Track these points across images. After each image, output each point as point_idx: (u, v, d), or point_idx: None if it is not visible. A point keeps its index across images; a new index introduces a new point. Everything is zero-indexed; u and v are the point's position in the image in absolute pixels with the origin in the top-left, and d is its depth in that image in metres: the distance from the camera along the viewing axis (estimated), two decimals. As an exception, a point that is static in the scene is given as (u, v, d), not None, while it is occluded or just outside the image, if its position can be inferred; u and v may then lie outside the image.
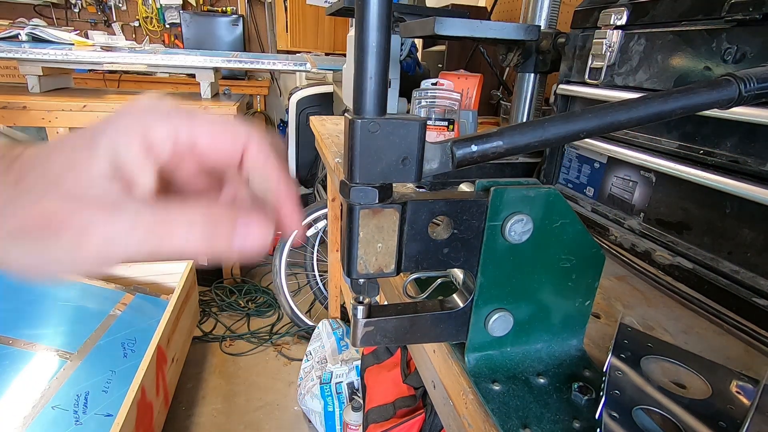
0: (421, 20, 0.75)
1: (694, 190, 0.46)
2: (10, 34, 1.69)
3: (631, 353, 0.33)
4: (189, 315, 1.82)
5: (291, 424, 1.62)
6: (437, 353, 0.38)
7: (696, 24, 0.44)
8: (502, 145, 0.27)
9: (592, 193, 0.61)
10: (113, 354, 1.44)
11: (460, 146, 0.27)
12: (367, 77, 0.23)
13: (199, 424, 1.60)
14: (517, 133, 0.28)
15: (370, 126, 0.24)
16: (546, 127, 0.28)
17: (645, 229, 0.52)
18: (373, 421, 1.05)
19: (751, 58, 0.39)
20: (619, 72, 0.54)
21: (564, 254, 0.32)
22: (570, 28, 0.63)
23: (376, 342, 0.32)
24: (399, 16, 0.94)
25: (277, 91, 3.80)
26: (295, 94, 3.00)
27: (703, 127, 0.45)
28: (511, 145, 0.27)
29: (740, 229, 0.42)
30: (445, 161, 0.27)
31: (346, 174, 0.26)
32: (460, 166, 0.27)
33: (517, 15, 1.40)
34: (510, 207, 0.29)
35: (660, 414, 0.28)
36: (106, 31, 3.36)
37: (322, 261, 2.05)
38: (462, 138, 0.28)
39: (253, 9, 3.65)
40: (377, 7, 0.22)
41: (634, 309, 0.44)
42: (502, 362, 0.34)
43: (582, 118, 0.28)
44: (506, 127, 0.28)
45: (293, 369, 1.86)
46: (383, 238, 0.28)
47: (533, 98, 0.78)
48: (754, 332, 0.39)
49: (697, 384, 0.31)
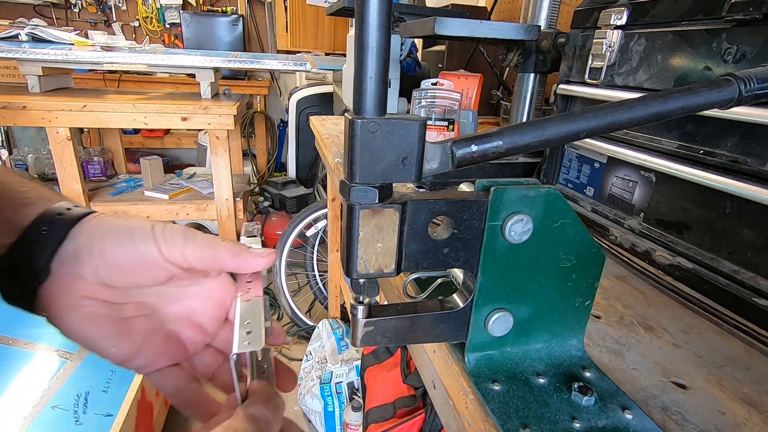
0: (421, 20, 0.75)
1: (694, 190, 0.46)
2: (10, 34, 1.68)
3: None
4: (189, 315, 1.81)
5: (291, 424, 1.62)
6: (437, 353, 0.38)
7: (696, 24, 0.44)
8: (502, 145, 0.27)
9: (592, 193, 0.61)
10: (113, 354, 1.43)
11: (460, 146, 0.27)
12: (367, 77, 0.23)
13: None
14: (517, 133, 0.28)
15: (370, 126, 0.24)
16: (546, 127, 0.28)
17: (645, 229, 0.52)
18: (373, 421, 1.05)
19: (751, 58, 0.39)
20: (619, 72, 0.54)
21: (564, 254, 0.32)
22: (570, 28, 0.63)
23: (376, 342, 0.32)
24: (399, 16, 0.94)
25: (277, 91, 3.80)
26: (295, 94, 3.01)
27: (703, 127, 0.45)
28: (511, 145, 0.27)
29: (740, 229, 0.42)
30: (445, 161, 0.27)
31: (346, 174, 0.26)
32: (460, 166, 0.27)
33: (517, 15, 1.40)
34: (510, 207, 0.29)
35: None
36: (106, 31, 3.36)
37: (322, 261, 2.05)
38: (462, 138, 0.28)
39: (253, 9, 3.64)
40: (377, 7, 0.22)
41: (634, 309, 0.44)
42: (502, 362, 0.34)
43: (582, 118, 0.28)
44: (506, 127, 0.28)
45: (293, 369, 1.86)
46: (383, 238, 0.28)
47: (533, 98, 0.78)
48: (754, 332, 0.39)
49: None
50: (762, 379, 0.35)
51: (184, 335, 0.31)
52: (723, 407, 0.32)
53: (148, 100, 1.74)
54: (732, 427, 0.30)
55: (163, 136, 3.60)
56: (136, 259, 0.27)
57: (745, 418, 0.31)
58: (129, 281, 0.28)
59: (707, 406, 0.32)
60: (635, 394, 0.32)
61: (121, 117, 1.68)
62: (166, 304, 0.31)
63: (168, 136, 3.62)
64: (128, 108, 1.67)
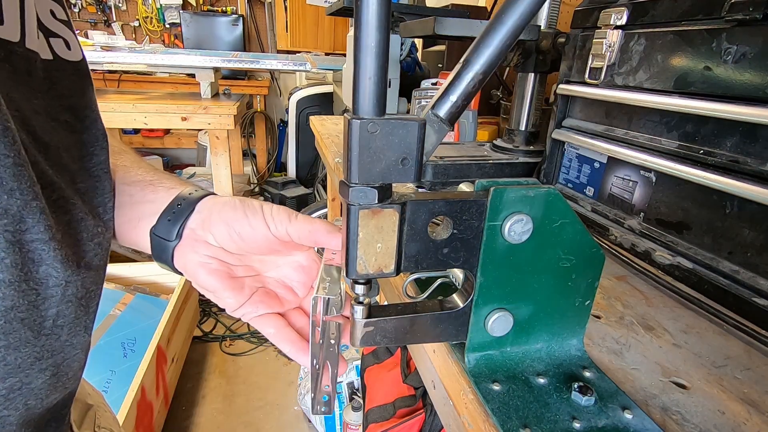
0: (421, 20, 0.75)
1: (694, 190, 0.46)
2: (10, 34, 1.68)
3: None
4: (189, 315, 1.82)
5: (291, 424, 1.62)
6: (437, 353, 0.38)
7: (696, 24, 0.44)
8: (478, 72, 0.25)
9: (592, 192, 0.61)
10: (113, 354, 1.44)
11: (439, 106, 0.26)
12: (366, 77, 0.23)
13: (199, 424, 1.60)
14: (481, 45, 0.25)
15: (369, 126, 0.24)
16: (502, 19, 0.25)
17: (645, 229, 0.52)
18: (373, 421, 1.05)
19: (751, 58, 0.39)
20: (619, 72, 0.54)
21: (564, 254, 0.32)
22: (570, 28, 0.63)
23: (376, 342, 0.32)
24: (399, 16, 0.94)
25: (277, 91, 3.80)
26: (295, 94, 3.01)
27: (703, 126, 0.45)
28: (485, 64, 0.25)
29: (740, 229, 0.41)
30: (439, 128, 0.27)
31: (346, 174, 0.26)
32: (453, 122, 0.27)
33: (517, 15, 1.40)
34: (510, 207, 0.29)
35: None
36: (106, 31, 3.36)
37: (322, 261, 2.04)
38: (434, 100, 0.27)
39: (253, 9, 3.64)
40: (376, 6, 0.22)
41: (634, 309, 0.44)
42: (502, 362, 0.34)
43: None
44: (465, 54, 0.26)
45: (293, 369, 1.86)
46: (383, 238, 0.28)
47: (533, 98, 0.78)
48: (754, 332, 0.39)
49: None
50: (762, 379, 0.35)
51: (279, 293, 0.38)
52: (723, 407, 0.32)
53: (148, 100, 1.74)
54: (732, 427, 0.30)
55: (163, 136, 3.60)
56: (249, 232, 0.34)
57: (745, 418, 0.31)
58: (242, 249, 0.35)
59: (707, 405, 0.32)
60: (635, 394, 0.32)
61: (121, 117, 1.68)
62: (267, 269, 0.39)
63: (168, 136, 3.62)
64: (128, 108, 1.68)
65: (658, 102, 0.48)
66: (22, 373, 0.26)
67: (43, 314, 0.26)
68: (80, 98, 0.32)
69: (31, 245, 0.25)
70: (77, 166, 0.31)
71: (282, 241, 0.35)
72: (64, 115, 0.30)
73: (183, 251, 0.35)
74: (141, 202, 0.37)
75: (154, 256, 0.36)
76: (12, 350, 0.25)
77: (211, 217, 0.35)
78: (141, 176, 0.38)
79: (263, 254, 0.37)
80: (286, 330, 0.37)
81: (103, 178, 0.33)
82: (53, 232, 0.26)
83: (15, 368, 0.25)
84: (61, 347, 0.28)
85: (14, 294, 0.24)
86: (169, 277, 1.83)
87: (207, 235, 0.35)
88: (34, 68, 0.28)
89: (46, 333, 0.27)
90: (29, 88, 0.27)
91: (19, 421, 0.27)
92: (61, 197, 0.28)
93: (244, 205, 0.35)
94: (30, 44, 0.27)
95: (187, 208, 0.35)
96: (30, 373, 0.26)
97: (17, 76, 0.25)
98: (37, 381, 0.27)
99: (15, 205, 0.23)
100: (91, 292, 0.30)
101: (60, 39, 0.31)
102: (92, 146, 0.33)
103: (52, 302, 0.27)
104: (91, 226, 0.30)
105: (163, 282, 1.87)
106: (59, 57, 0.30)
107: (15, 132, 0.23)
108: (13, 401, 0.26)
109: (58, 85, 0.30)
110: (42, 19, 0.29)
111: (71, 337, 0.28)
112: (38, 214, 0.25)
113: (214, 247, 0.35)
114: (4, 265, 0.24)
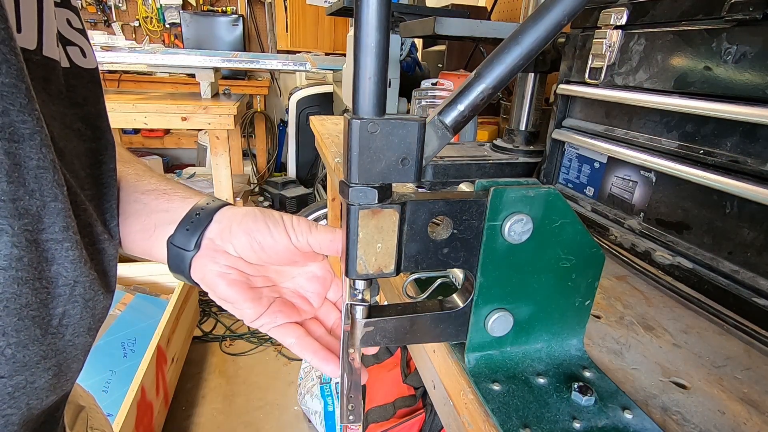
0: (421, 20, 0.75)
1: (694, 190, 0.46)
2: (10, 34, 1.68)
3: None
4: (189, 315, 1.82)
5: (291, 424, 1.62)
6: (437, 353, 0.38)
7: (696, 24, 0.44)
8: (487, 86, 0.25)
9: (592, 193, 0.61)
10: (113, 354, 1.44)
11: (446, 114, 0.26)
12: (366, 77, 0.23)
13: (199, 424, 1.60)
14: (494, 62, 0.25)
15: (369, 126, 0.24)
16: (519, 39, 0.25)
17: (645, 229, 0.52)
18: (373, 421, 1.04)
19: (751, 58, 0.39)
20: (619, 72, 0.54)
21: (564, 254, 0.32)
22: (570, 27, 0.63)
23: (376, 342, 0.32)
24: (399, 16, 0.94)
25: (277, 91, 3.80)
26: (295, 94, 3.01)
27: (703, 126, 0.45)
28: (496, 79, 0.25)
29: (740, 229, 0.41)
30: (442, 134, 0.27)
31: (346, 174, 0.26)
32: (458, 130, 0.27)
33: (517, 15, 1.40)
34: (510, 207, 0.29)
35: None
36: (106, 30, 3.36)
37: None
38: (443, 106, 0.27)
39: (253, 9, 3.64)
40: (376, 6, 0.22)
41: (634, 309, 0.44)
42: (502, 362, 0.34)
43: (552, 7, 0.25)
44: (479, 67, 0.26)
45: (293, 369, 1.86)
46: (383, 238, 0.28)
47: (533, 98, 0.78)
48: (754, 332, 0.39)
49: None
50: (762, 379, 0.35)
51: (296, 303, 0.38)
52: (723, 407, 0.32)
53: (148, 100, 1.74)
54: (732, 427, 0.30)
55: (163, 136, 3.60)
56: (271, 243, 0.34)
57: (745, 418, 0.31)
58: (262, 259, 0.35)
59: (707, 406, 0.32)
60: (635, 394, 0.32)
61: (121, 117, 1.68)
62: (283, 279, 0.39)
63: (168, 136, 3.62)
64: (128, 108, 1.68)
65: (658, 102, 0.48)
66: (28, 371, 0.26)
67: (51, 312, 0.27)
68: (94, 106, 0.33)
69: (45, 244, 0.25)
70: (86, 174, 0.31)
71: (302, 252, 0.35)
72: (77, 124, 0.31)
73: (201, 261, 0.35)
74: (155, 211, 0.37)
75: (171, 266, 0.36)
76: (21, 347, 0.25)
77: (231, 227, 0.35)
78: (154, 185, 0.38)
79: (282, 264, 0.37)
80: (307, 339, 0.36)
81: (110, 186, 0.33)
82: (66, 232, 0.26)
83: (22, 366, 0.25)
84: (64, 347, 0.28)
85: (29, 292, 0.25)
86: (169, 277, 1.83)
87: (227, 245, 0.35)
88: (52, 76, 0.28)
89: (52, 332, 0.27)
90: (47, 95, 0.28)
91: (20, 420, 0.27)
92: (74, 201, 0.28)
93: (264, 216, 0.35)
94: (48, 52, 0.28)
95: (205, 218, 0.35)
96: (35, 372, 0.26)
97: (34, 83, 0.26)
98: (41, 380, 0.27)
99: (35, 205, 0.24)
100: (99, 295, 0.30)
101: (76, 47, 0.31)
102: (101, 155, 0.33)
103: (60, 301, 0.27)
104: (99, 231, 0.31)
105: (163, 282, 1.87)
106: (76, 65, 0.31)
107: (45, 135, 0.24)
108: (17, 400, 0.26)
109: (74, 92, 0.31)
110: (59, 28, 0.29)
111: (74, 338, 0.29)
112: (55, 215, 0.25)
113: (234, 258, 0.35)
114: (22, 263, 0.24)
